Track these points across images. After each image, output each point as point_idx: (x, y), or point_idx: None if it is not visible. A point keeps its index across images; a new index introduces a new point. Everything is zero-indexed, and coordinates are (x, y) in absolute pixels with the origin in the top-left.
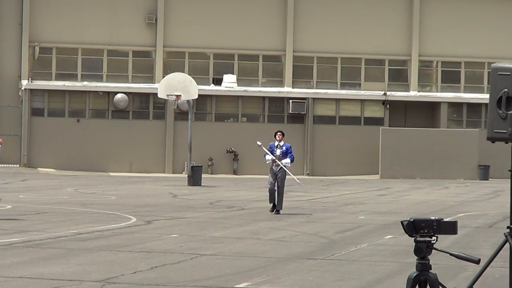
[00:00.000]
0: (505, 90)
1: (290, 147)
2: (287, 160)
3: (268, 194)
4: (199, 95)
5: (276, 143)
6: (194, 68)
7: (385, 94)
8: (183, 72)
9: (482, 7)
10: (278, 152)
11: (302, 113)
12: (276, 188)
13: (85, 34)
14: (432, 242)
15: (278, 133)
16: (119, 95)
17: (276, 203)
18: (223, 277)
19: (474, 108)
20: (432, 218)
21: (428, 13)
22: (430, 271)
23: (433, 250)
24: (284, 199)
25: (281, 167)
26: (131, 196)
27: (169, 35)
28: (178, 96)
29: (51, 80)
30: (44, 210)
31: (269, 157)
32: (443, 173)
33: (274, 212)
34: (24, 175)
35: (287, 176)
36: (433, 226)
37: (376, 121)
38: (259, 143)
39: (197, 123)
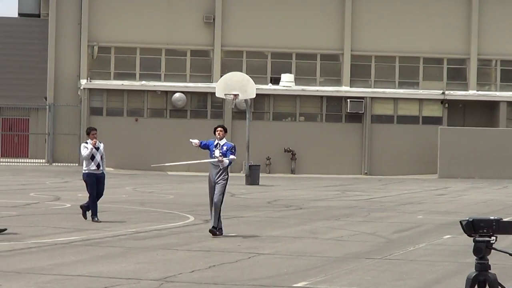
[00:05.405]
0: None
1: (233, 147)
2: (226, 161)
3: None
4: (256, 94)
5: (216, 141)
6: (251, 67)
7: (443, 93)
8: (241, 71)
9: None
10: (217, 153)
11: (360, 112)
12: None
13: (143, 34)
14: (491, 242)
15: (219, 129)
16: (177, 95)
17: (213, 218)
18: (281, 276)
19: None
20: (491, 217)
21: (487, 11)
22: (489, 271)
23: (492, 250)
24: (222, 215)
25: (220, 170)
26: (189, 195)
27: (227, 34)
28: (236, 96)
29: (109, 79)
30: (103, 208)
31: (195, 141)
32: (502, 173)
33: (211, 233)
34: None
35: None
36: (492, 226)
37: (434, 121)
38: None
39: (254, 122)
